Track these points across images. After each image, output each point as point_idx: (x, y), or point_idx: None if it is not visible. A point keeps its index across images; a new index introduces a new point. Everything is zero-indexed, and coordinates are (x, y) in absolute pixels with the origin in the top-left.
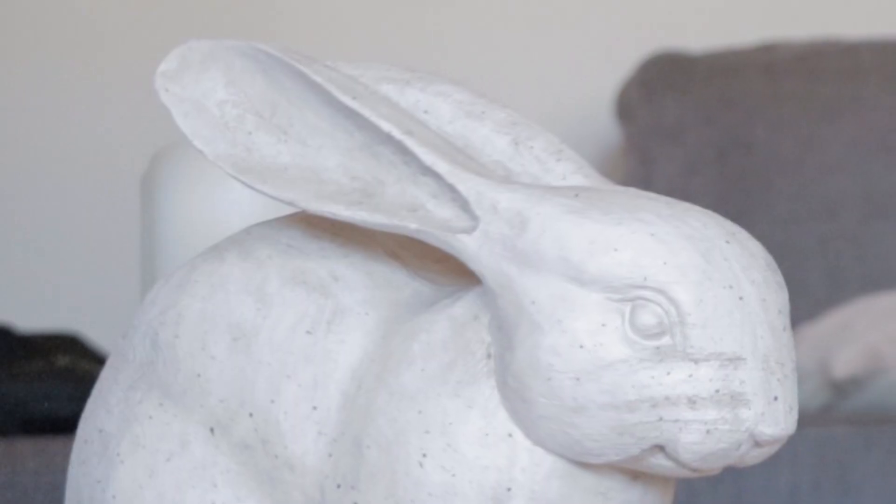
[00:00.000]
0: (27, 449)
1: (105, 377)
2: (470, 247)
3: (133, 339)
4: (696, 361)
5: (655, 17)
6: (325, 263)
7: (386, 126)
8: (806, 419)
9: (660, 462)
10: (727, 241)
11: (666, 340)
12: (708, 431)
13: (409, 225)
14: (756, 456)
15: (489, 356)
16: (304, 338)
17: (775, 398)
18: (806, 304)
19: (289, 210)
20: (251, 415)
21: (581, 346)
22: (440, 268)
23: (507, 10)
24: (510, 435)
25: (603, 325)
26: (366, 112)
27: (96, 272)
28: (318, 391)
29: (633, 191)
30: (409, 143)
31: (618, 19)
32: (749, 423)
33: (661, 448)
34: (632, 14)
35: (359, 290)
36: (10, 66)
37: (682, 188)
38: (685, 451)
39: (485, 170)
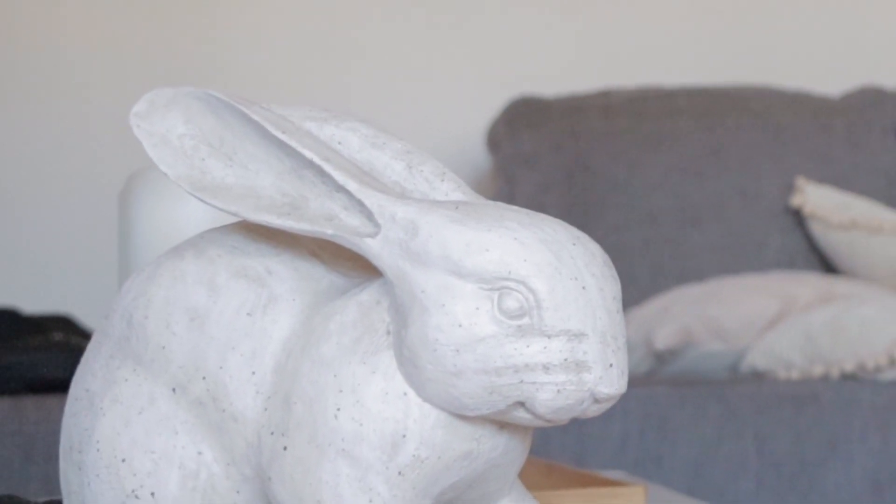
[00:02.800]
0: (30, 405)
1: (91, 349)
2: (374, 248)
3: (112, 320)
4: (549, 337)
5: (516, 70)
6: (262, 261)
7: (308, 154)
8: (634, 381)
9: (521, 415)
10: (573, 244)
11: (526, 320)
12: (558, 391)
13: (327, 231)
14: (596, 410)
15: (389, 332)
16: (245, 318)
17: (611, 365)
18: (634, 293)
19: (234, 219)
20: (204, 378)
21: (460, 325)
22: (351, 264)
23: (404, 65)
24: (405, 394)
25: (477, 308)
26: (293, 143)
27: (84, 268)
28: (256, 360)
29: (500, 205)
30: (327, 167)
31: (488, 72)
32: (590, 384)
33: (521, 404)
34: (498, 68)
35: (288, 281)
36: (22, 106)
37: (538, 203)
38: (541, 407)
39: (386, 188)
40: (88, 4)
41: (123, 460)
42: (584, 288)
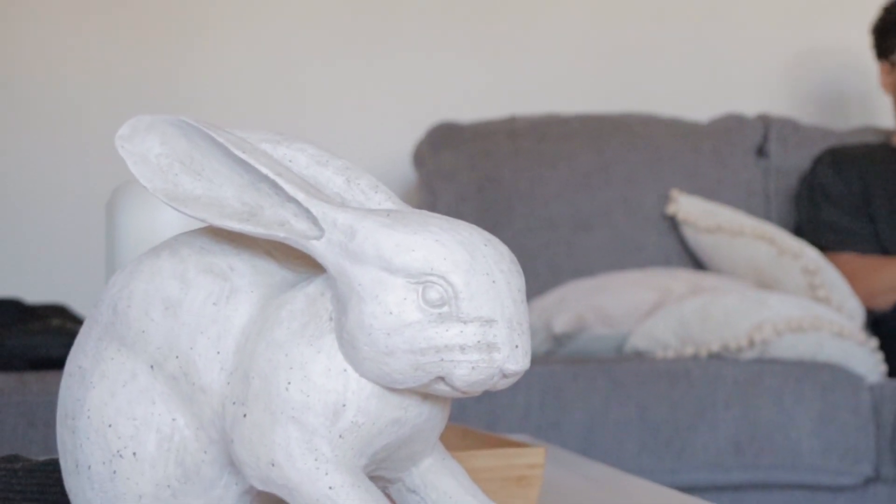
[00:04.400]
0: (32, 379)
1: (83, 332)
2: (319, 248)
3: (101, 308)
4: (465, 322)
5: (437, 101)
6: (225, 259)
7: (264, 170)
8: (536, 360)
9: (441, 388)
10: (485, 245)
11: (445, 309)
12: (473, 368)
13: (280, 234)
14: (504, 384)
15: (331, 319)
16: (211, 307)
17: (516, 346)
18: (536, 286)
19: (202, 225)
20: (177, 357)
21: (390, 313)
22: (300, 262)
23: (344, 96)
24: (345, 370)
25: (405, 299)
26: (251, 161)
27: (77, 265)
28: (220, 342)
29: (424, 212)
30: (279, 181)
31: (413, 102)
32: (499, 362)
33: (442, 379)
34: (422, 99)
35: (247, 276)
36: (25, 131)
37: (456, 211)
38: (458, 381)
39: (328, 198)
40: (83, 47)
41: (110, 425)
42: (494, 282)
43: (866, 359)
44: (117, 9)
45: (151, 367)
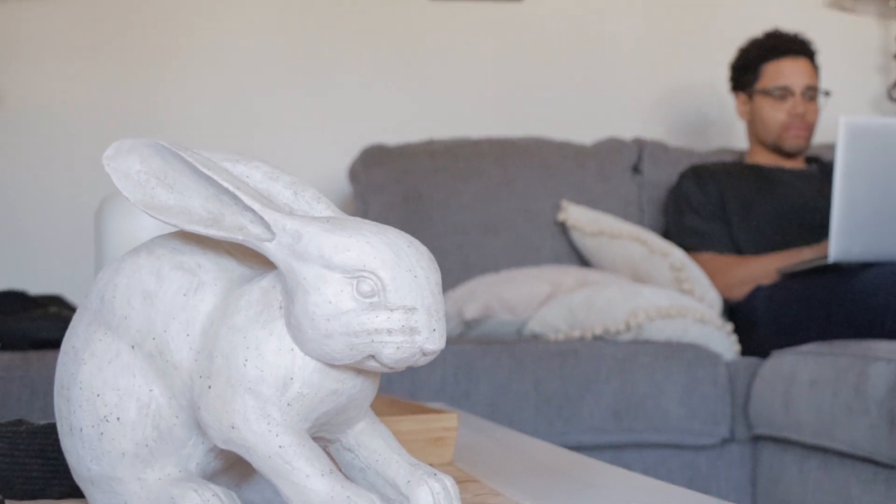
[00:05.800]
0: (34, 357)
1: (76, 318)
2: (271, 249)
3: (91, 298)
4: (391, 310)
5: (369, 127)
6: (193, 258)
7: (225, 184)
8: (450, 341)
9: (372, 364)
10: (408, 246)
11: (375, 299)
12: (398, 347)
13: (238, 237)
14: (424, 361)
15: (281, 307)
16: (182, 298)
17: (434, 330)
18: (450, 280)
19: (174, 229)
20: (153, 339)
21: (330, 302)
22: (255, 260)
23: (291, 122)
24: (292, 349)
25: (342, 290)
26: (215, 177)
27: (72, 262)
28: (189, 326)
29: (359, 219)
30: (238, 193)
31: (349, 128)
32: (420, 343)
33: (372, 357)
34: (356, 125)
35: (211, 272)
36: (27, 150)
37: (384, 218)
38: (386, 359)
39: (279, 208)
40: (75, 81)
41: (98, 395)
42: (415, 277)
43: (723, 340)
44: (104, 50)
45: (132, 346)
